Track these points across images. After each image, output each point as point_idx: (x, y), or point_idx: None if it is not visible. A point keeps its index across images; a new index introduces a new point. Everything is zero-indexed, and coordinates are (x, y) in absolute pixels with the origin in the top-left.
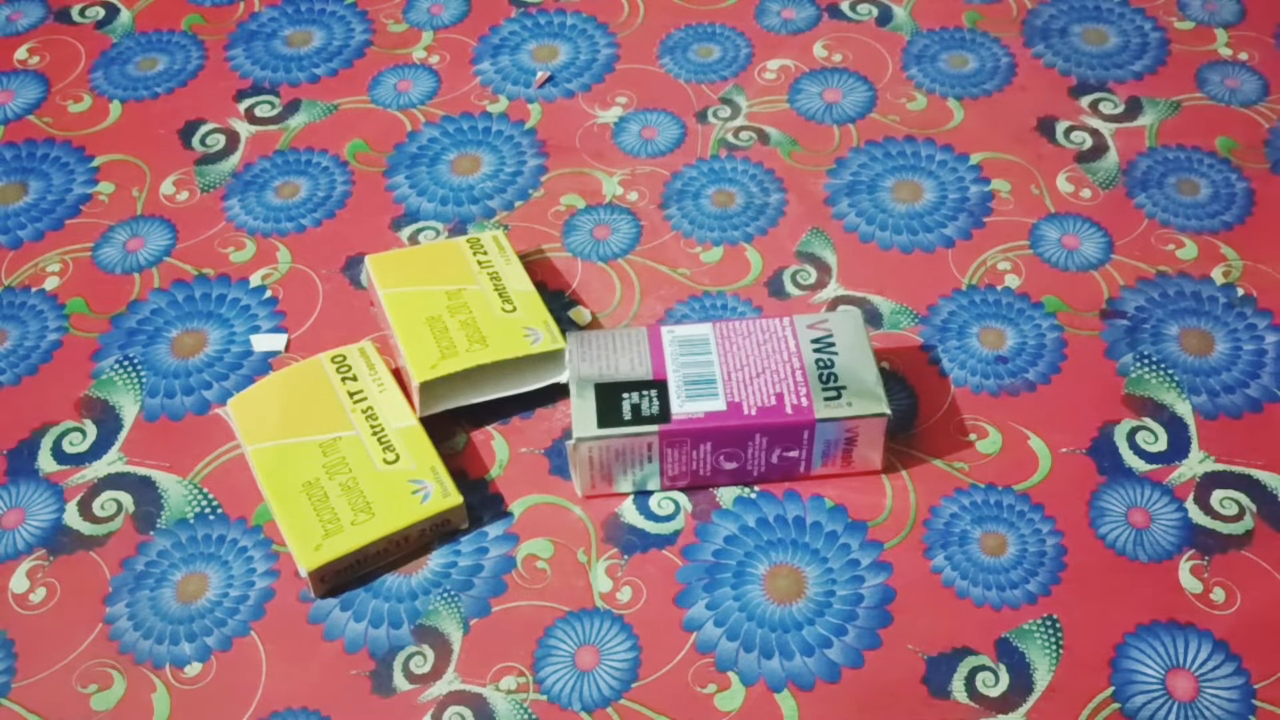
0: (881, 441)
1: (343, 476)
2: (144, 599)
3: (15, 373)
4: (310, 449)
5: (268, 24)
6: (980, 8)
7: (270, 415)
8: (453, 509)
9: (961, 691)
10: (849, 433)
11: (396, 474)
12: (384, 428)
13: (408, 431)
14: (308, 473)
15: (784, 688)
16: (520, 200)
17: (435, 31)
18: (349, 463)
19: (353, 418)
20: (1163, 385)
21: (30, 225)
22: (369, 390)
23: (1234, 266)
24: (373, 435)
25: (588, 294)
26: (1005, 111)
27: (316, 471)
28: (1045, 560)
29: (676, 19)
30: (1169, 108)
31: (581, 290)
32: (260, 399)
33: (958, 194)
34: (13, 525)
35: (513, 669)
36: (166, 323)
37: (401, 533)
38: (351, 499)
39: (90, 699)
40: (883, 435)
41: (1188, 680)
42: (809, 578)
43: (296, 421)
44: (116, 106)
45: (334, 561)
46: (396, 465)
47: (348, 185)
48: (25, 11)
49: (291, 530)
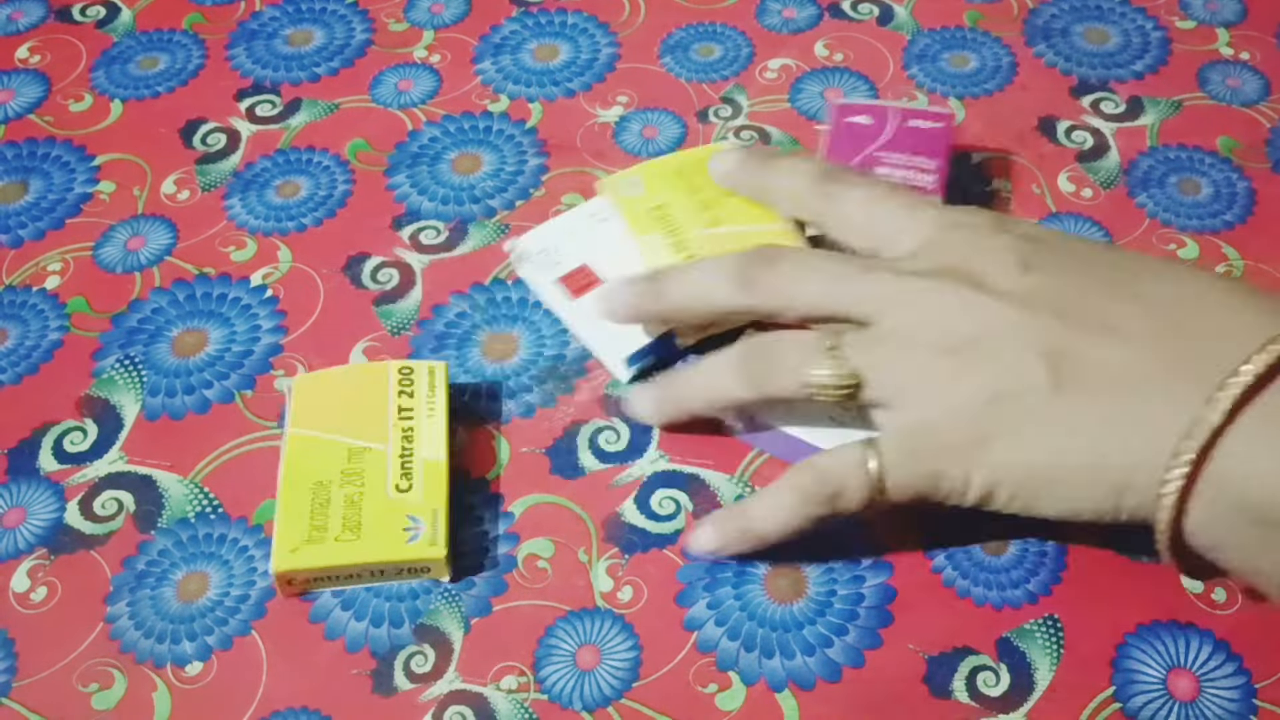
0: None
1: (352, 489)
2: (145, 598)
3: (16, 372)
4: (338, 450)
5: (269, 23)
6: (981, 7)
7: (323, 404)
8: (434, 560)
9: (962, 691)
10: None
11: (400, 504)
12: (413, 453)
13: (432, 465)
14: (325, 472)
15: (785, 687)
16: (521, 199)
17: (436, 31)
18: (364, 476)
19: (391, 433)
20: None
21: (31, 224)
22: (419, 411)
23: (1235, 266)
24: (399, 456)
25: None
26: (1006, 111)
27: (333, 474)
28: (1046, 560)
29: (677, 18)
30: (1170, 107)
31: None
32: (322, 385)
33: (958, 193)
34: (13, 524)
35: (513, 668)
36: (167, 322)
37: (378, 564)
38: (348, 513)
39: (91, 698)
40: None
41: (1189, 680)
42: (810, 577)
43: (342, 418)
44: (117, 105)
45: (304, 570)
46: (405, 495)
47: (349, 184)
48: (26, 10)
49: (281, 523)
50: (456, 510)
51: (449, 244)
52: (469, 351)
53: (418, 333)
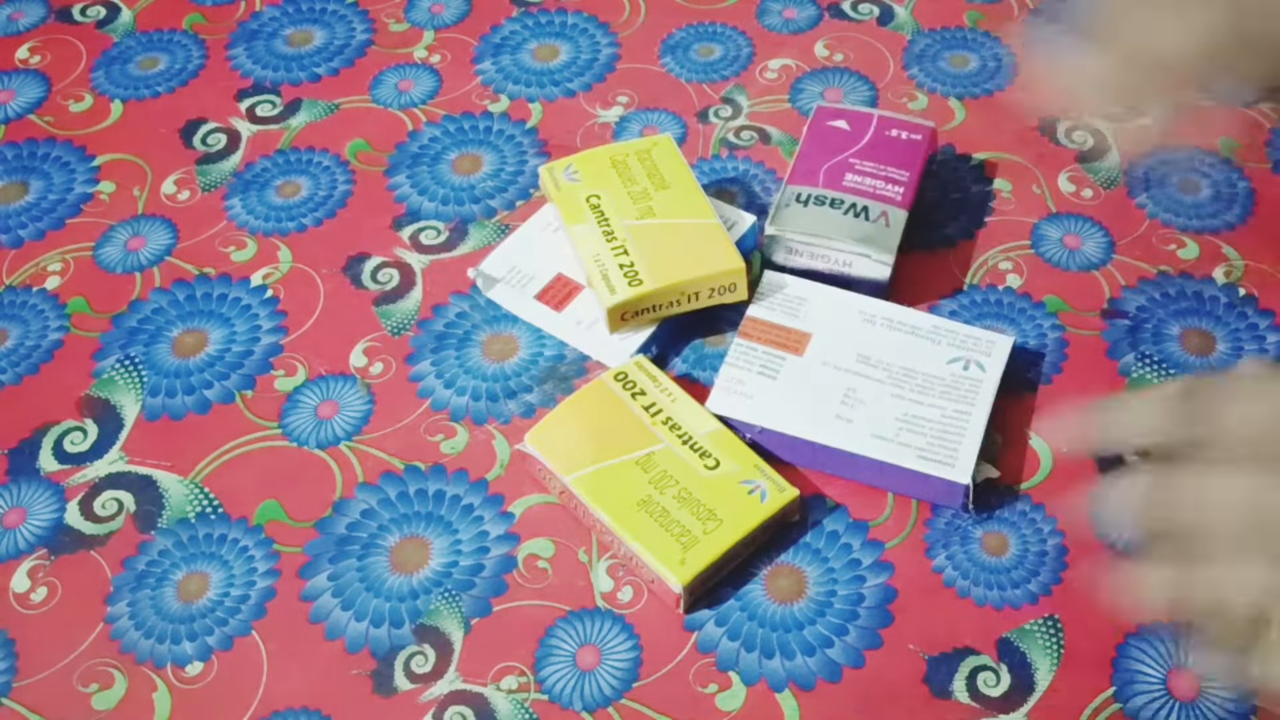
0: None
1: (673, 489)
2: (145, 598)
3: (16, 372)
4: (629, 468)
5: (269, 23)
6: (981, 8)
7: (574, 442)
8: (790, 503)
9: (963, 691)
10: None
11: (724, 478)
12: (690, 435)
13: (716, 436)
14: (637, 492)
15: (785, 687)
16: (521, 200)
17: (436, 31)
18: (672, 475)
19: (657, 431)
20: None
21: (31, 224)
22: (661, 402)
23: (1235, 266)
24: (683, 445)
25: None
26: (1007, 111)
27: (645, 489)
28: (1046, 560)
29: (677, 18)
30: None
31: None
32: (558, 428)
33: (959, 194)
34: (14, 524)
35: (514, 669)
36: (167, 322)
37: (751, 535)
38: (693, 509)
39: (91, 698)
40: None
41: (1189, 680)
42: (810, 577)
43: (604, 445)
44: (117, 106)
45: (701, 573)
46: (719, 470)
47: (349, 185)
48: (26, 11)
49: (652, 549)
50: (457, 510)
51: (449, 244)
52: (469, 351)
53: (418, 333)
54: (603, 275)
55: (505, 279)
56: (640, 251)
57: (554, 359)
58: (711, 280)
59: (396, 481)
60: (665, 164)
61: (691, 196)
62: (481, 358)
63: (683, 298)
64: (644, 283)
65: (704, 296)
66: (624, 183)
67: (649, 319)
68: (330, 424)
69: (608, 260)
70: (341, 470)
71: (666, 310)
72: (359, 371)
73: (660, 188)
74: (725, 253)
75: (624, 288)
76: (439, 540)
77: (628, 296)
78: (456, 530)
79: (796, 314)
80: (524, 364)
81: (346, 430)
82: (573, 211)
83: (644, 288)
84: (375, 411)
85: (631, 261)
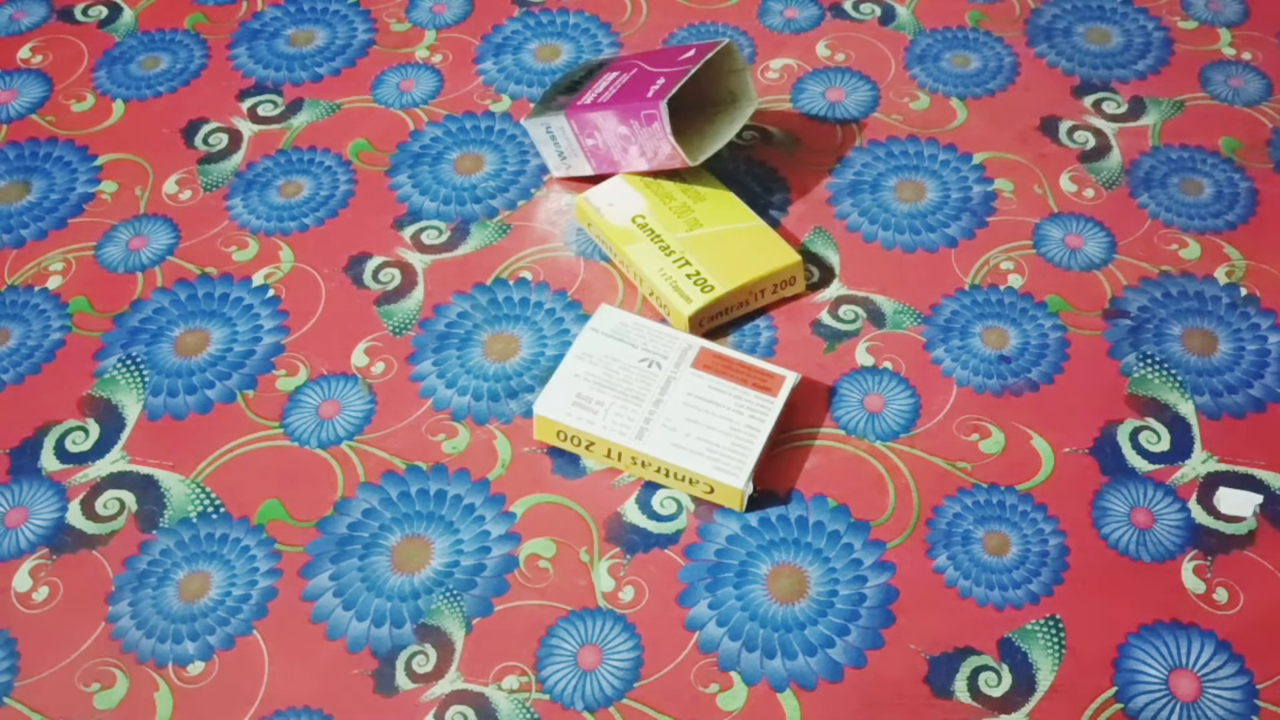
0: None
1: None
2: (146, 598)
3: (18, 371)
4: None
5: (270, 23)
6: (983, 7)
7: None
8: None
9: (964, 691)
10: None
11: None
12: None
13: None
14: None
15: (786, 687)
16: (523, 199)
17: (438, 31)
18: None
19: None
20: (1165, 385)
21: (33, 224)
22: None
23: (1237, 266)
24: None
25: (590, 292)
26: (1008, 111)
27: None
28: (1048, 560)
29: (679, 18)
30: (1172, 107)
31: (584, 289)
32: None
33: (960, 193)
34: (15, 524)
35: (515, 668)
36: (169, 321)
37: (757, 284)
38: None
39: (93, 698)
40: None
41: (1190, 680)
42: (811, 577)
43: None
44: (119, 105)
45: (710, 305)
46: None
47: (350, 184)
48: (28, 10)
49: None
50: (458, 509)
51: (451, 244)
52: (470, 351)
53: (419, 333)
54: (674, 286)
55: None
56: (702, 260)
57: (555, 359)
58: (774, 277)
59: (398, 481)
60: (693, 175)
61: (728, 202)
62: (483, 357)
63: (750, 297)
64: (715, 288)
65: (768, 294)
66: (662, 199)
67: (721, 321)
68: (332, 424)
69: (673, 272)
70: (343, 470)
71: (737, 311)
72: (360, 371)
73: (697, 200)
74: (781, 250)
75: (698, 295)
76: (440, 540)
77: (703, 303)
78: (458, 530)
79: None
80: (524, 364)
81: (348, 430)
82: (622, 235)
83: (716, 292)
84: (377, 411)
85: (696, 270)
